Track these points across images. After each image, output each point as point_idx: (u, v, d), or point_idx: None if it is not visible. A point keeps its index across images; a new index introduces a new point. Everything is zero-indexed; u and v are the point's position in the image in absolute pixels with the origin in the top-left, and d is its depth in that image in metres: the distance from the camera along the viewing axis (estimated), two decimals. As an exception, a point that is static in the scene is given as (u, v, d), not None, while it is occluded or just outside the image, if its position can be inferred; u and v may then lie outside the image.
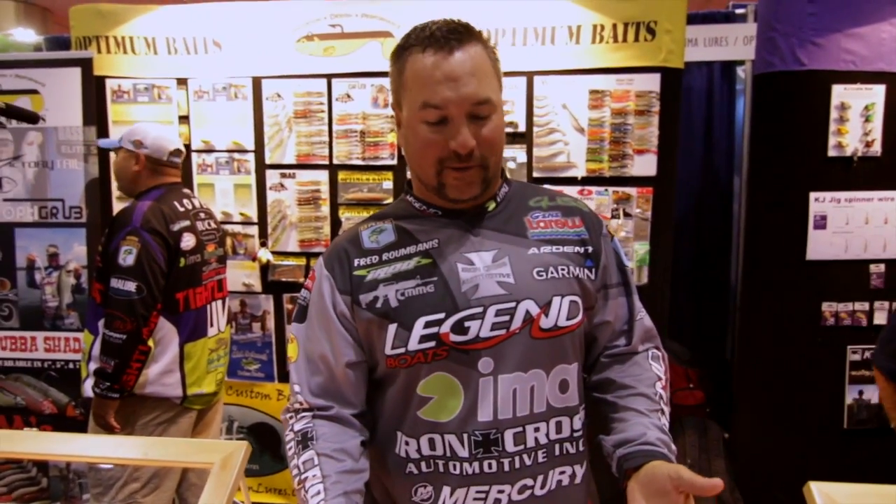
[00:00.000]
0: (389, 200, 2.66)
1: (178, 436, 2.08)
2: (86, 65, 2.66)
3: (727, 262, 3.13)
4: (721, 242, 3.15)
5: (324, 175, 2.70)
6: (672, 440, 1.00)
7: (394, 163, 2.66)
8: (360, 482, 0.98)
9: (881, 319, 2.59)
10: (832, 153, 2.55)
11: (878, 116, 2.52)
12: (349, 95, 2.65)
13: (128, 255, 1.94)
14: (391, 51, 1.03)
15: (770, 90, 2.60)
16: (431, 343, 0.97)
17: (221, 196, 2.77)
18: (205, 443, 1.18)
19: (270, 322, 2.80)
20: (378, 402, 1.06)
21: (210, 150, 2.76)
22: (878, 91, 2.52)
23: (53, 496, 2.76)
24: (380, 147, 2.65)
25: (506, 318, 0.98)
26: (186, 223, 2.09)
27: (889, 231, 2.57)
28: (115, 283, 1.94)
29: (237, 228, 2.77)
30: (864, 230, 2.57)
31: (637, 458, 0.95)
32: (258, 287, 2.79)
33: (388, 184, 2.67)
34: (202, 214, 2.22)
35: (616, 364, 1.11)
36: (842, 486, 0.89)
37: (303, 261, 2.75)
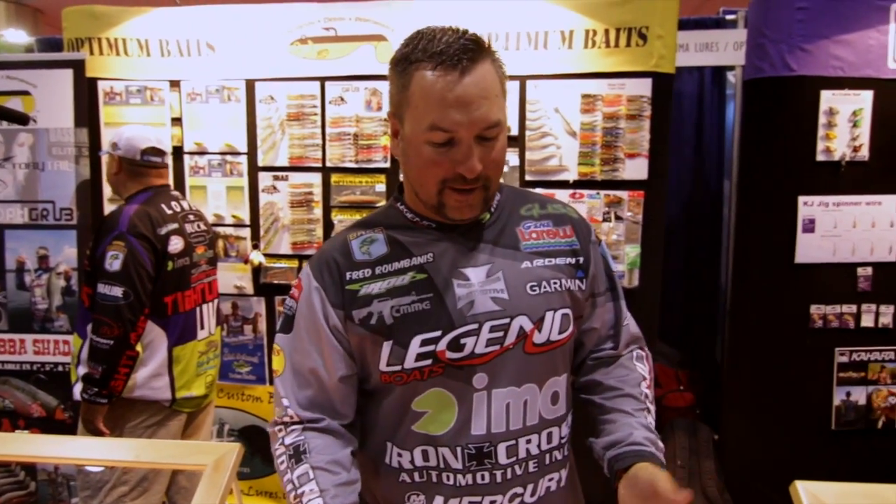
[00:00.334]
0: (382, 203, 2.67)
1: (168, 439, 2.07)
2: (78, 66, 2.65)
3: (717, 265, 3.15)
4: (711, 245, 3.17)
5: (317, 178, 2.70)
6: (659, 437, 1.02)
7: (387, 166, 2.66)
8: (356, 494, 0.99)
9: (868, 322, 2.62)
10: (820, 158, 2.57)
11: (866, 122, 2.55)
12: (342, 98, 2.65)
13: (114, 260, 1.92)
14: (392, 57, 0.99)
15: (760, 95, 2.63)
16: (428, 361, 0.97)
17: (214, 198, 2.76)
18: (197, 445, 1.18)
19: (262, 324, 2.80)
20: (370, 413, 1.06)
21: (203, 153, 2.75)
22: (866, 97, 2.55)
23: (41, 500, 2.74)
24: (373, 150, 2.66)
25: (500, 335, 0.99)
26: (174, 226, 2.08)
27: (876, 235, 2.60)
28: (102, 289, 1.92)
29: (229, 231, 2.77)
30: (852, 234, 2.60)
31: (626, 459, 0.97)
32: (250, 289, 2.79)
33: (381, 186, 2.67)
34: (191, 216, 2.21)
35: (602, 367, 1.12)
36: (827, 485, 0.90)
37: (295, 263, 2.75)
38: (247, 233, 2.76)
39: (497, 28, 2.53)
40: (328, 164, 2.69)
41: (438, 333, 0.97)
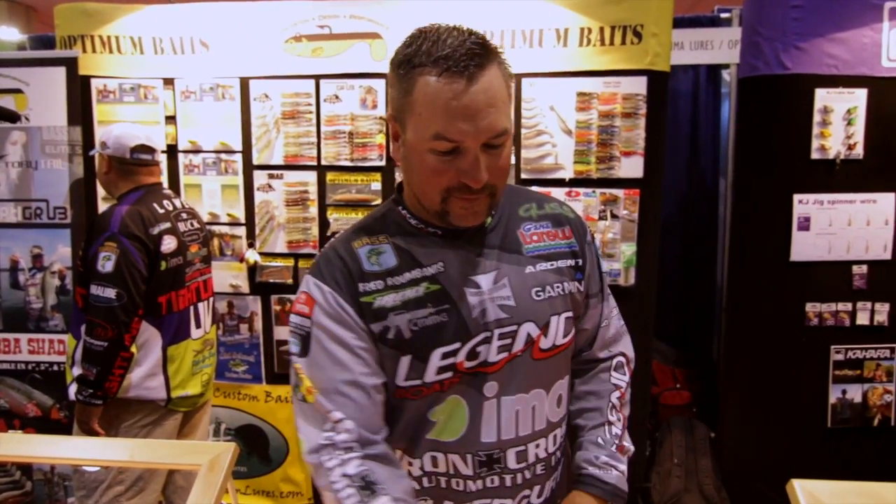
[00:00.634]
0: (378, 202, 2.66)
1: (164, 438, 2.06)
2: (71, 64, 2.63)
3: (713, 263, 3.16)
4: (707, 243, 3.18)
5: (312, 176, 2.69)
6: (615, 444, 1.09)
7: (382, 164, 2.65)
8: None
9: (864, 320, 2.63)
10: (815, 156, 2.58)
11: (860, 120, 2.56)
12: (337, 96, 2.64)
13: (107, 262, 1.91)
14: (393, 58, 0.94)
15: (754, 93, 2.63)
16: (448, 374, 0.96)
17: (208, 197, 2.75)
18: (192, 444, 1.18)
19: (258, 323, 2.79)
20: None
21: (197, 151, 2.74)
22: (860, 95, 2.55)
23: (37, 500, 2.73)
24: (368, 148, 2.65)
25: (508, 342, 0.99)
26: (167, 225, 2.06)
27: (871, 232, 2.61)
28: (95, 290, 1.91)
29: (224, 229, 2.76)
30: (847, 232, 2.60)
31: (572, 483, 1.07)
32: (245, 288, 2.78)
33: (377, 185, 2.67)
34: (184, 215, 2.19)
35: (579, 374, 1.16)
36: (824, 484, 0.90)
37: (290, 262, 2.74)
38: (242, 231, 2.76)
39: (492, 26, 2.53)
40: (323, 163, 2.68)
41: (458, 345, 0.96)
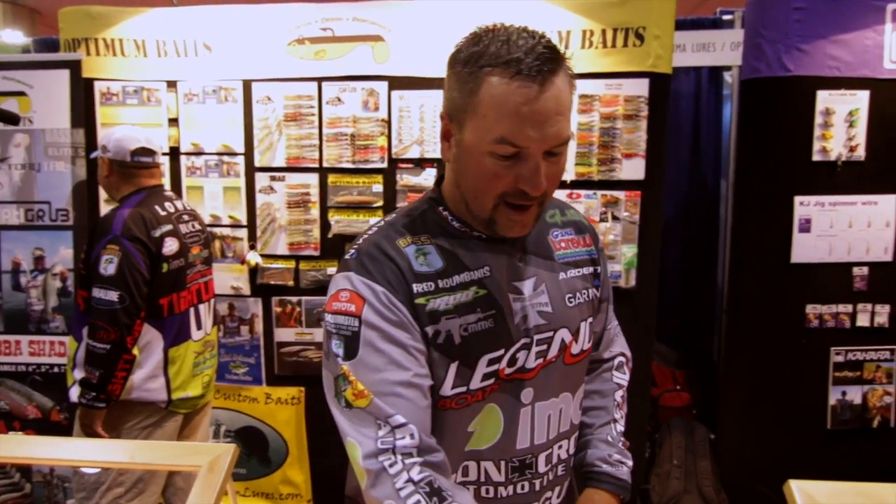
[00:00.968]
0: (380, 204, 2.66)
1: (164, 440, 2.06)
2: (74, 67, 2.64)
3: (714, 265, 3.16)
4: (708, 245, 3.18)
5: (314, 178, 2.70)
6: (621, 441, 1.13)
7: (384, 166, 2.66)
8: None
9: (864, 321, 2.62)
10: (817, 158, 2.58)
11: (862, 122, 2.56)
12: (339, 99, 2.65)
13: (109, 265, 1.91)
14: (455, 55, 0.92)
15: (756, 95, 2.63)
16: (491, 380, 0.95)
17: (210, 199, 2.76)
18: (192, 446, 1.18)
19: (259, 325, 2.79)
20: None
21: (199, 153, 2.75)
22: (862, 97, 2.55)
23: (37, 502, 2.73)
24: (370, 150, 2.66)
25: (544, 348, 0.99)
26: (168, 227, 2.07)
27: (872, 234, 2.61)
28: (97, 293, 1.92)
29: (226, 231, 2.76)
30: (848, 234, 2.60)
31: (582, 480, 1.09)
32: (247, 290, 2.78)
33: (378, 187, 2.67)
34: (186, 216, 2.20)
35: (587, 373, 1.17)
36: (821, 484, 0.90)
37: (292, 264, 2.74)
38: (244, 233, 2.76)
39: (494, 28, 2.53)
40: (325, 165, 2.68)
41: (502, 352, 0.95)
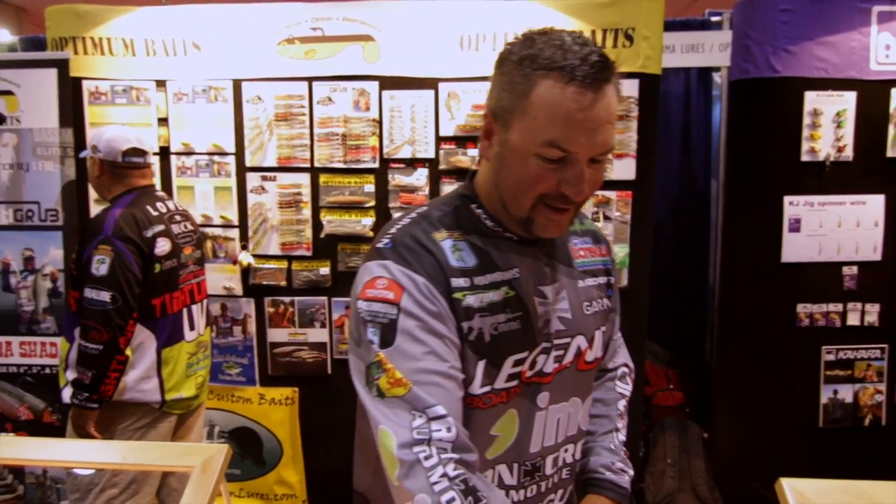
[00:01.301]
0: (371, 204, 2.66)
1: (158, 441, 2.06)
2: (62, 66, 2.62)
3: (705, 265, 3.18)
4: (699, 245, 3.20)
5: (305, 178, 2.69)
6: (623, 450, 1.14)
7: (375, 166, 2.66)
8: None
9: (854, 320, 2.65)
10: (805, 158, 2.61)
11: (850, 122, 2.59)
12: (330, 98, 2.64)
13: (101, 265, 1.90)
14: (506, 55, 0.90)
15: (745, 96, 2.66)
16: (514, 382, 0.96)
17: (201, 199, 2.74)
18: (185, 446, 1.18)
19: (252, 326, 2.78)
20: None
21: (190, 153, 2.73)
22: (850, 98, 2.58)
23: (30, 503, 2.71)
24: (361, 150, 2.65)
25: (561, 353, 1.01)
26: (160, 228, 2.07)
27: (861, 234, 2.64)
28: (90, 293, 1.91)
29: (217, 231, 2.75)
30: (837, 233, 2.63)
31: (584, 487, 1.10)
32: (239, 290, 2.77)
33: (370, 187, 2.67)
34: (178, 217, 2.19)
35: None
36: (812, 482, 0.91)
37: (284, 264, 2.74)
38: (235, 234, 2.75)
39: (484, 29, 2.53)
40: (316, 165, 2.68)
41: (526, 354, 0.96)
